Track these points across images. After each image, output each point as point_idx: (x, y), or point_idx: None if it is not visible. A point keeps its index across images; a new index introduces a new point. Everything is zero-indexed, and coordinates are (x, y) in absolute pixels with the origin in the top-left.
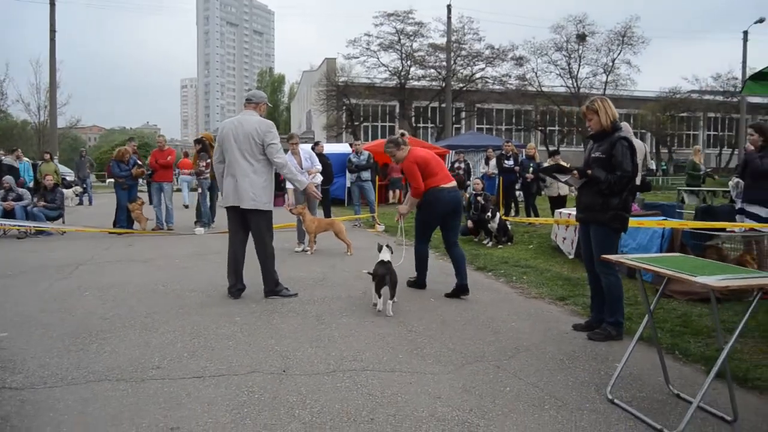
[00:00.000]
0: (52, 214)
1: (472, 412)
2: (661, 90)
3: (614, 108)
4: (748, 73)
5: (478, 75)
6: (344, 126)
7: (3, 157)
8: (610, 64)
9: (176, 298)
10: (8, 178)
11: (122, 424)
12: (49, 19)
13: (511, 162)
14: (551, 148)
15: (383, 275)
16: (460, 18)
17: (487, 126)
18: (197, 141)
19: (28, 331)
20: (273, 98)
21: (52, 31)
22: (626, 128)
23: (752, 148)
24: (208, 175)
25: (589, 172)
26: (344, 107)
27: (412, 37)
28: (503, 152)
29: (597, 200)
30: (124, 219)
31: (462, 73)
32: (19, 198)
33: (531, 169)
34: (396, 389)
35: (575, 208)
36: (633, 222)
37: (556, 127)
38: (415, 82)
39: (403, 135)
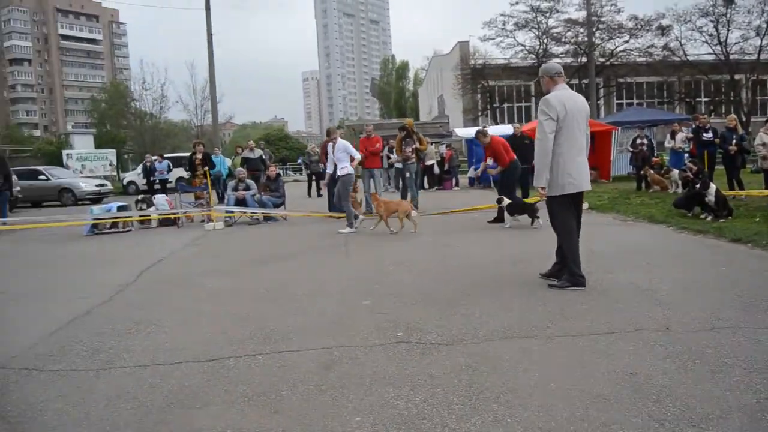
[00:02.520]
0: (278, 202)
1: None
2: None
3: None
4: None
5: (620, 48)
6: (480, 109)
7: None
8: (764, 26)
9: (483, 274)
10: (240, 170)
11: (574, 370)
12: (206, 23)
13: (710, 135)
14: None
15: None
16: None
17: (627, 100)
18: (401, 128)
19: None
20: (397, 85)
21: (210, 34)
22: None
23: None
24: (414, 159)
25: None
26: (480, 90)
27: (547, 14)
28: (700, 125)
29: None
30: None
31: (603, 48)
32: (248, 188)
33: (734, 141)
34: None
35: None
36: None
37: (703, 98)
38: (554, 60)
39: (485, 127)
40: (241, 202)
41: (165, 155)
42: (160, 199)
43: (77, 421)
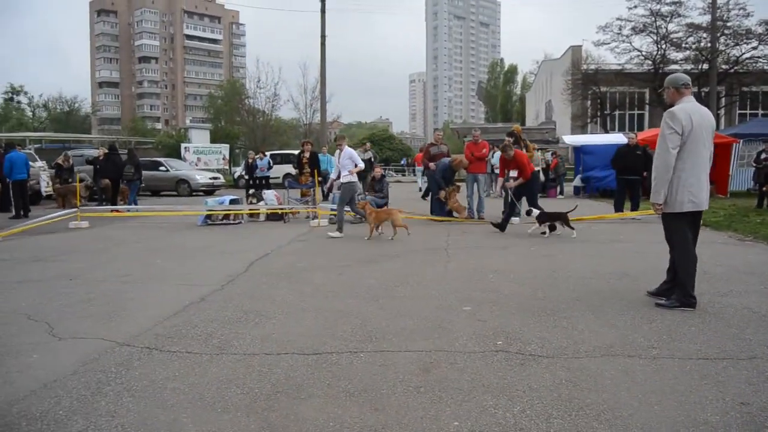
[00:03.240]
0: (381, 202)
1: None
2: None
3: None
4: None
5: (747, 55)
6: (590, 116)
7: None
8: None
9: (584, 286)
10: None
11: (662, 394)
12: (320, 25)
13: None
14: None
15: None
16: None
17: (752, 111)
18: (510, 134)
19: (492, 305)
20: (504, 89)
21: (323, 36)
22: None
23: None
24: None
25: None
26: (591, 96)
27: (668, 18)
28: None
29: None
30: (437, 207)
31: (728, 54)
32: None
33: None
34: None
35: None
36: None
37: None
38: (672, 66)
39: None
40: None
41: (273, 152)
42: (269, 194)
43: (192, 401)
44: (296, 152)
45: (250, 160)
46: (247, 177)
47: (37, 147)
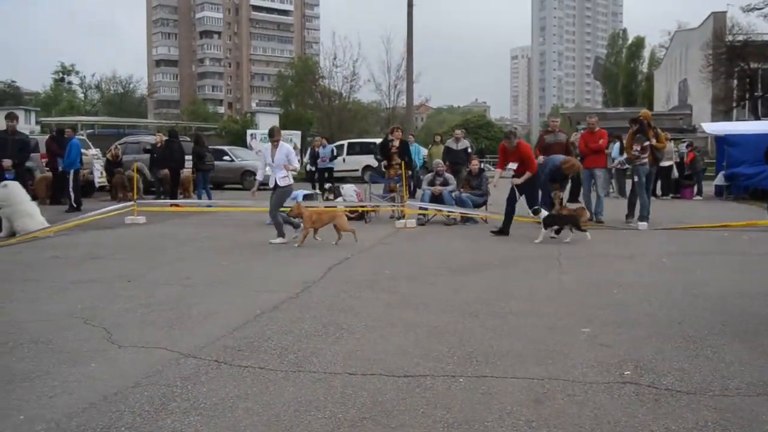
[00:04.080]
0: (479, 201)
1: None
2: None
3: None
4: None
5: None
6: (736, 99)
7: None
8: None
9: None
10: (438, 162)
11: None
12: None
13: None
14: None
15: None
16: None
17: None
18: (634, 120)
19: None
20: (628, 66)
21: (410, 5)
22: None
23: None
24: (646, 160)
25: None
26: (737, 74)
27: None
28: None
29: None
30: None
31: None
32: (446, 183)
33: None
34: None
35: None
36: None
37: None
38: None
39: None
40: (436, 199)
41: (351, 140)
42: (348, 189)
43: (268, 423)
44: (378, 141)
45: (315, 148)
46: (312, 168)
47: (90, 132)
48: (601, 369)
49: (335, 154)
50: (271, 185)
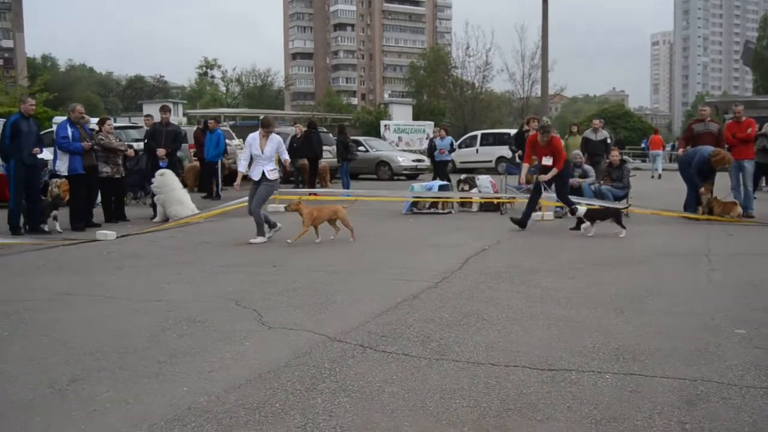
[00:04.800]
0: (620, 194)
1: None
2: None
3: None
4: None
5: None
6: None
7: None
8: None
9: None
10: (577, 153)
11: None
12: None
13: None
14: None
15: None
16: None
17: None
18: None
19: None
20: None
21: None
22: None
23: None
24: None
25: None
26: None
27: None
28: None
29: None
30: (693, 202)
31: None
32: (585, 175)
33: None
34: None
35: None
36: None
37: None
38: None
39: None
40: (575, 191)
41: (485, 131)
42: (484, 180)
43: (414, 408)
44: (511, 132)
45: (433, 139)
46: (429, 160)
47: (232, 124)
48: (758, 373)
49: (454, 146)
50: (256, 178)
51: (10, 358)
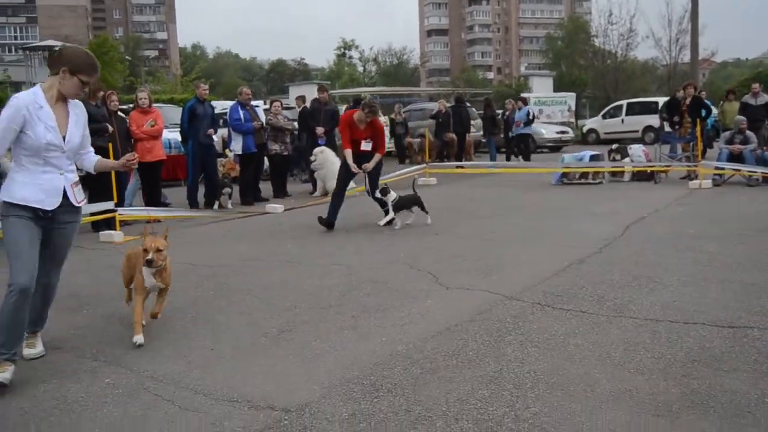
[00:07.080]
0: None
1: None
2: None
3: None
4: None
5: None
6: None
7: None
8: None
9: None
10: (740, 119)
11: None
12: None
13: None
14: None
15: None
16: None
17: None
18: None
19: None
20: None
21: None
22: None
23: None
24: None
25: None
26: None
27: None
28: None
29: None
30: None
31: None
32: (746, 141)
33: None
34: None
35: None
36: None
37: None
38: None
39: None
40: (736, 158)
41: (630, 100)
42: (636, 149)
43: (600, 358)
44: (660, 100)
45: (507, 112)
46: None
47: None
48: None
49: (532, 116)
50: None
51: (223, 312)
